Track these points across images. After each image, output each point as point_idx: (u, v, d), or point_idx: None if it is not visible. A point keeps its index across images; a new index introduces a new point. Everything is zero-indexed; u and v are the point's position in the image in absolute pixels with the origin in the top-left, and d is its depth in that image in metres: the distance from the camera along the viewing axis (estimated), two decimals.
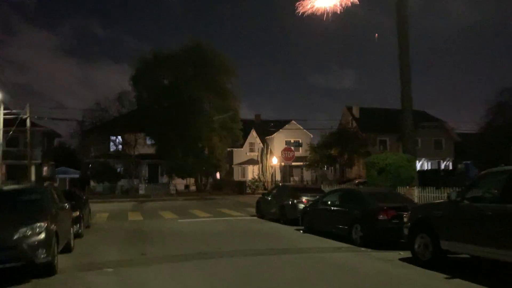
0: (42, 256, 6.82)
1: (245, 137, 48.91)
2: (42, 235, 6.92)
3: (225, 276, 7.49)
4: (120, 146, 40.97)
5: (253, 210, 19.10)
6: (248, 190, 40.68)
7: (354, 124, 50.88)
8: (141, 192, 37.44)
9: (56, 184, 33.32)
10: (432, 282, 7.00)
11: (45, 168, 42.79)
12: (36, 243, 6.79)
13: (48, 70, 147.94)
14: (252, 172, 48.55)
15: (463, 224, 7.19)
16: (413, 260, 8.19)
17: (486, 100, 35.44)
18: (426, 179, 22.18)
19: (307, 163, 42.81)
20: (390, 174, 16.22)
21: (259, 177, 43.93)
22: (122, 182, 39.16)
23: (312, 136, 53.64)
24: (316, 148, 41.88)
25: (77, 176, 44.58)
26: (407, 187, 15.81)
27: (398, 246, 9.48)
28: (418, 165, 52.40)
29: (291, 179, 49.28)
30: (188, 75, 37.83)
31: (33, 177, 35.35)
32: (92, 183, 39.22)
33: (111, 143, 41.52)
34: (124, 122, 38.20)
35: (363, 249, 10.00)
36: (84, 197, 15.76)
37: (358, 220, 10.48)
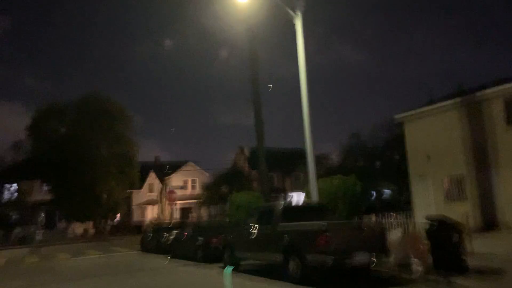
0: None
1: (145, 178, 52.23)
2: None
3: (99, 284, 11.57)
4: (15, 194, 41.61)
5: None
6: None
7: (246, 163, 56.94)
8: (38, 238, 38.30)
9: None
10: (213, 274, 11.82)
11: None
12: None
13: None
14: (152, 212, 51.44)
15: (243, 240, 12.10)
16: (224, 266, 12.92)
17: (340, 143, 42.14)
18: None
19: (201, 201, 47.14)
20: (243, 209, 21.20)
21: (158, 217, 46.98)
22: (18, 230, 39.64)
23: (208, 175, 58.36)
24: (208, 187, 46.52)
25: None
26: None
27: None
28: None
29: (190, 216, 53.12)
30: (86, 124, 40.30)
31: None
32: None
33: (6, 191, 41.95)
34: (20, 170, 39.34)
35: (202, 264, 14.57)
36: None
37: (199, 246, 15.09)
